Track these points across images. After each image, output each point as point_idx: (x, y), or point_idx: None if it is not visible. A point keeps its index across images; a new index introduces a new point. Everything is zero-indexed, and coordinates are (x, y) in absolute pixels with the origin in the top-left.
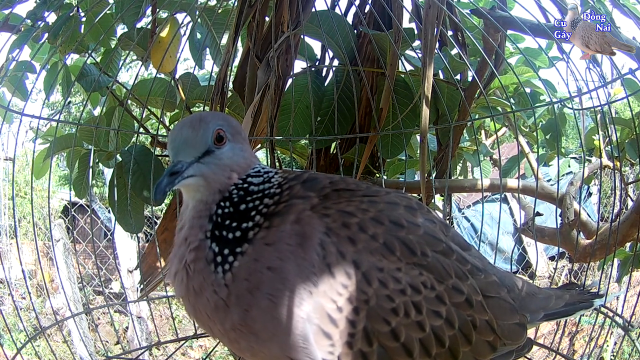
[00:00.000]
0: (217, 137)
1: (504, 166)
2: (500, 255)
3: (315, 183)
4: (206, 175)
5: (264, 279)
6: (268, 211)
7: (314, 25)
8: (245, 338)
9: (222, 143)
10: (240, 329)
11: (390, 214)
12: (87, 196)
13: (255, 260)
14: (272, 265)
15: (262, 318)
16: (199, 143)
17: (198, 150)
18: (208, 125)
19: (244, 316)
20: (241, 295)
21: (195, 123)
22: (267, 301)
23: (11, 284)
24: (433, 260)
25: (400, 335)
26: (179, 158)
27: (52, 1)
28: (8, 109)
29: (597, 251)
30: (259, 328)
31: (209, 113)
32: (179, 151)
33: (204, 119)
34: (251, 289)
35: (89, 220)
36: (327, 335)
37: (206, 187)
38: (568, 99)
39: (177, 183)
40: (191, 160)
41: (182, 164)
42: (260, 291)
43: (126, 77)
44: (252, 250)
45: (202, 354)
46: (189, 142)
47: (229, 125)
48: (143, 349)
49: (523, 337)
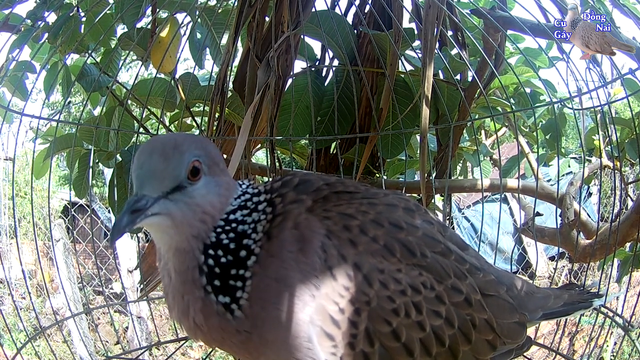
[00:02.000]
0: (191, 171)
1: (504, 166)
2: (500, 255)
3: (308, 185)
4: (174, 216)
5: (272, 290)
6: (265, 231)
7: (314, 25)
8: (262, 351)
9: (196, 178)
10: (260, 346)
11: (389, 216)
12: (87, 196)
13: (264, 276)
14: (277, 275)
15: (273, 328)
16: (169, 176)
17: (167, 185)
18: (183, 155)
19: (261, 332)
20: (257, 315)
21: (168, 150)
22: (276, 311)
23: (11, 284)
24: (432, 260)
25: (401, 335)
26: (143, 192)
27: (52, 1)
28: (8, 109)
29: (597, 251)
30: (272, 339)
31: (185, 138)
32: (144, 183)
33: (179, 146)
34: (264, 304)
35: (89, 220)
36: (329, 336)
37: (175, 231)
38: (568, 99)
39: (138, 222)
40: (157, 195)
41: (147, 200)
42: (270, 303)
43: (126, 77)
44: (259, 268)
45: (202, 354)
46: (157, 174)
47: (207, 155)
48: (143, 349)
49: (522, 336)
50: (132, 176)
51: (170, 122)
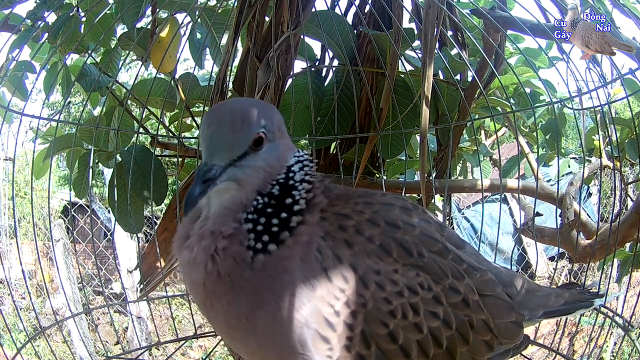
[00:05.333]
0: (255, 141)
1: (503, 166)
2: (500, 256)
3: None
4: (239, 179)
5: (278, 282)
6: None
7: (314, 25)
8: (244, 338)
9: (260, 146)
10: (244, 321)
11: (385, 215)
12: (87, 196)
13: (285, 258)
14: (289, 269)
15: (265, 320)
16: (237, 146)
17: (234, 154)
18: (250, 127)
19: (252, 311)
20: (259, 288)
21: (236, 122)
22: (274, 304)
23: (11, 284)
24: (429, 260)
25: (398, 337)
26: (213, 161)
27: (52, 1)
28: (8, 109)
29: (597, 251)
30: (260, 330)
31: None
32: (213, 153)
33: (246, 119)
34: (270, 286)
35: (88, 221)
36: (325, 339)
37: (238, 190)
38: (568, 99)
39: (209, 191)
40: (226, 163)
41: (216, 169)
42: (273, 293)
43: (126, 77)
44: (287, 247)
45: (202, 354)
46: (226, 144)
47: (271, 123)
48: (143, 349)
49: (519, 336)
50: (202, 145)
51: (170, 122)
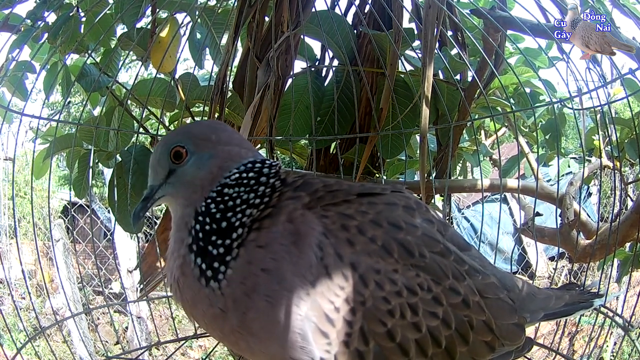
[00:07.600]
0: (174, 156)
1: (503, 166)
2: (500, 256)
3: (308, 186)
4: (172, 194)
5: (260, 281)
6: (254, 218)
7: (314, 25)
8: (245, 339)
9: (181, 160)
10: (239, 331)
11: (388, 216)
12: (87, 196)
13: (249, 263)
14: (266, 266)
15: (260, 319)
16: (161, 166)
17: (162, 173)
18: (166, 146)
19: (242, 319)
20: (238, 299)
21: (157, 147)
22: (264, 302)
23: (11, 284)
24: (430, 261)
25: (396, 335)
26: (150, 184)
27: (52, 1)
28: (8, 109)
29: (597, 251)
30: (257, 329)
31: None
32: (150, 176)
33: (163, 140)
34: (247, 291)
35: (88, 220)
36: (324, 334)
37: (176, 204)
38: (568, 99)
39: (149, 206)
40: (159, 183)
41: (152, 188)
42: (257, 293)
43: (126, 77)
44: (245, 253)
45: (202, 354)
46: (154, 167)
47: (190, 137)
48: (143, 349)
49: (521, 338)
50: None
51: (170, 122)
